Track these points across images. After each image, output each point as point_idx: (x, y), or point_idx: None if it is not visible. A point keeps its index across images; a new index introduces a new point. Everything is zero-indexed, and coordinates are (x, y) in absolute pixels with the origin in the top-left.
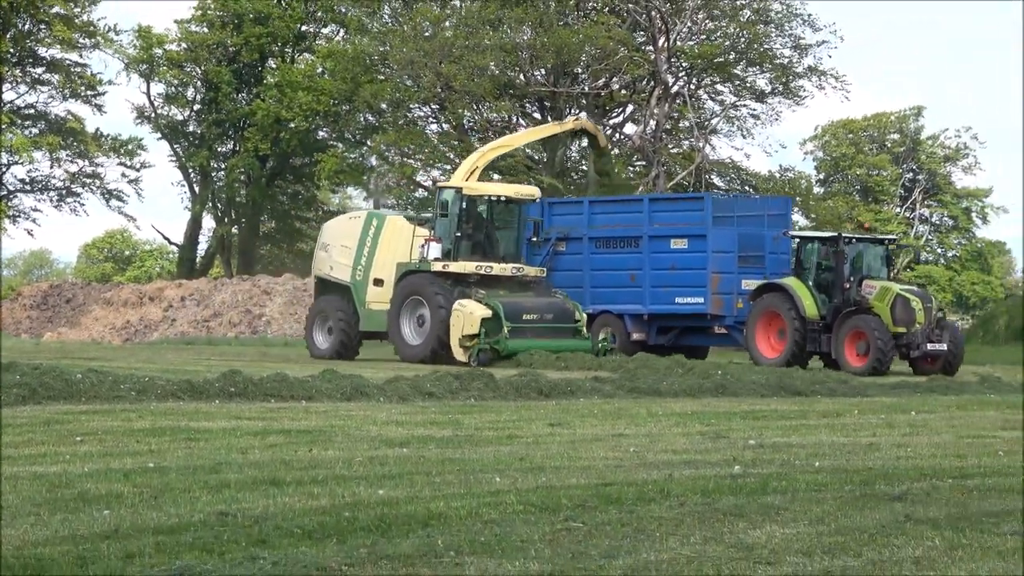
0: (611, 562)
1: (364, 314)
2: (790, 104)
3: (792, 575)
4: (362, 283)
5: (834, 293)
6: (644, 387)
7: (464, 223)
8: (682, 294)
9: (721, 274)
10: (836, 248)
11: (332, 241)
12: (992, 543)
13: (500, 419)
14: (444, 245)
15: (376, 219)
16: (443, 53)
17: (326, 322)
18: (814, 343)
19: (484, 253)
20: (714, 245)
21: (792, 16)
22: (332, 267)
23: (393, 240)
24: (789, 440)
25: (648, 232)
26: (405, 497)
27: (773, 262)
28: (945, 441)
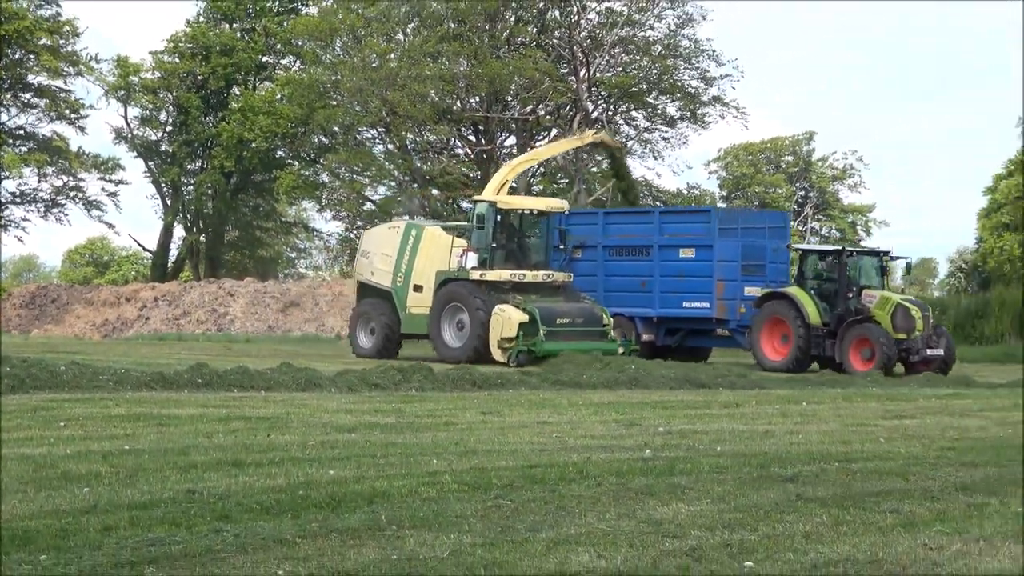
0: (535, 535)
1: (405, 317)
2: (696, 129)
3: (696, 547)
4: (403, 289)
5: (836, 302)
6: (566, 380)
7: (498, 234)
8: (689, 299)
9: (726, 281)
10: (839, 260)
11: (373, 249)
12: (873, 519)
13: (438, 408)
14: (480, 255)
15: (415, 230)
16: (388, 82)
17: (368, 323)
18: (818, 348)
19: (516, 261)
20: (720, 255)
21: (699, 51)
22: (373, 272)
23: (431, 249)
24: (694, 427)
25: (658, 242)
26: (353, 477)
27: (772, 271)
28: (832, 429)
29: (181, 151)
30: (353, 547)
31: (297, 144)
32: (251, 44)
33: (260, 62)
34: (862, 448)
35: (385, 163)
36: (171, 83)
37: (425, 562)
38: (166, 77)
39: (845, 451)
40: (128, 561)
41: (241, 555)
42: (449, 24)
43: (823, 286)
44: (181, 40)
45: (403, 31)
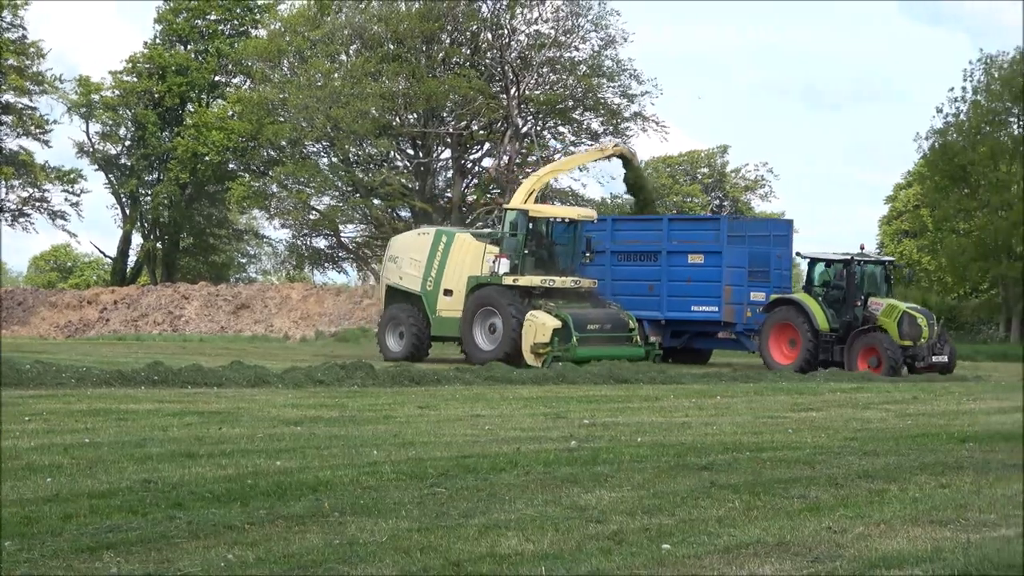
0: (468, 521)
1: (435, 321)
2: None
3: (617, 531)
4: (433, 293)
5: (843, 309)
6: (499, 376)
7: (530, 241)
8: (698, 303)
9: (733, 286)
10: (848, 269)
11: (401, 254)
12: (782, 505)
13: (378, 402)
14: (512, 260)
15: (445, 236)
16: (332, 99)
17: (398, 327)
18: (826, 353)
19: (546, 267)
20: (728, 261)
21: (621, 71)
22: (402, 277)
23: (461, 254)
24: (617, 420)
25: (667, 248)
26: (298, 467)
27: (776, 277)
28: (745, 421)
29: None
30: (298, 533)
31: (247, 157)
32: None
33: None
34: (772, 438)
35: (329, 175)
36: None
37: (365, 546)
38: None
39: (756, 441)
40: (87, 547)
41: (193, 540)
42: (389, 46)
43: (830, 293)
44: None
45: (346, 52)
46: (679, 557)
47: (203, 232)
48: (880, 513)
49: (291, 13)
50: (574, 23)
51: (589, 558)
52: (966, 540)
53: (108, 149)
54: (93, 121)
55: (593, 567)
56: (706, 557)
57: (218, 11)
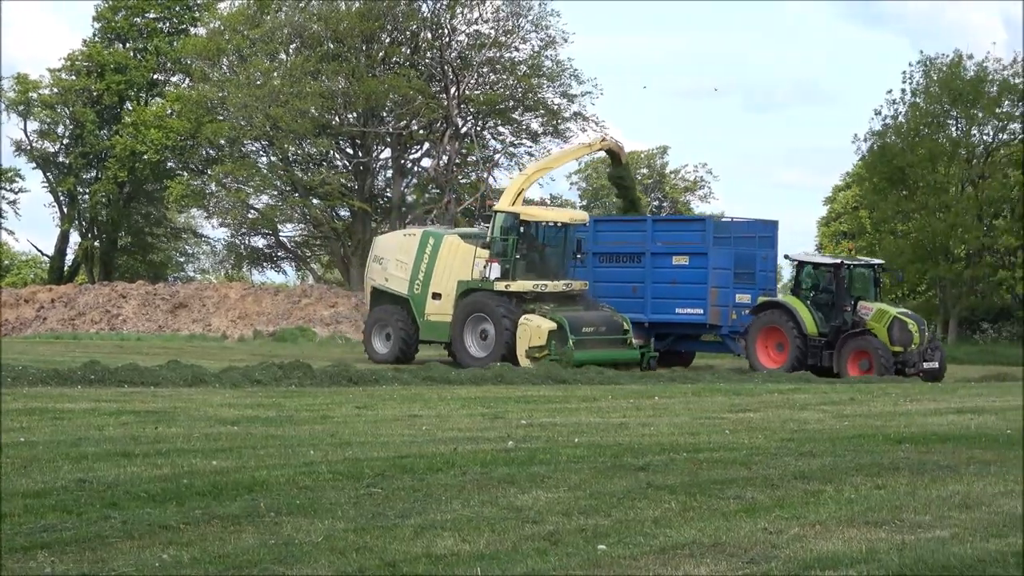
0: (404, 521)
1: (423, 324)
2: (559, 143)
3: (553, 532)
4: (421, 296)
5: (832, 313)
6: (437, 376)
7: (521, 245)
8: (682, 305)
9: (719, 288)
10: (837, 272)
11: (387, 255)
12: (718, 506)
13: (315, 402)
14: (503, 265)
15: (433, 238)
16: (272, 98)
17: (384, 329)
18: (815, 357)
19: (537, 271)
20: (714, 262)
21: (561, 71)
22: (388, 279)
23: (450, 257)
24: (554, 420)
25: (651, 249)
26: (234, 467)
27: (762, 279)
28: (682, 421)
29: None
30: (233, 533)
31: (186, 156)
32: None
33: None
34: (709, 439)
35: (268, 174)
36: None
37: (300, 546)
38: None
39: (693, 442)
40: (21, 547)
41: (128, 540)
42: (328, 45)
43: (819, 297)
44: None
45: (285, 51)
46: (615, 558)
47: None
48: (816, 514)
49: (231, 11)
50: (514, 23)
51: (525, 559)
52: (901, 541)
53: (46, 147)
54: (31, 119)
55: (529, 568)
56: (642, 558)
57: (157, 9)
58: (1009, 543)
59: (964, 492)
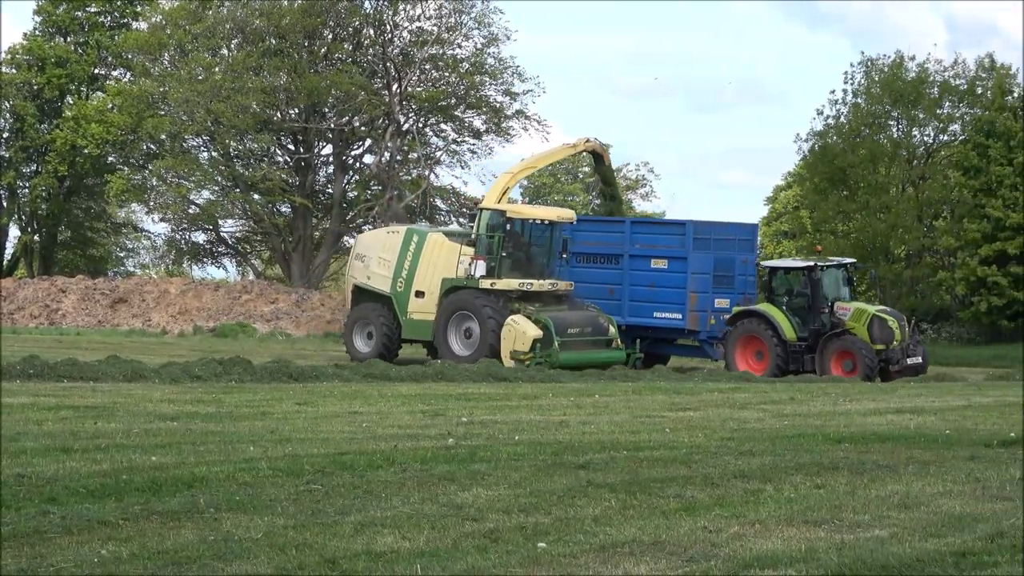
0: (344, 518)
1: (406, 323)
2: (501, 141)
3: (493, 529)
4: (404, 294)
5: (809, 317)
6: (377, 373)
7: (507, 243)
8: (660, 309)
9: (698, 293)
10: (811, 275)
11: (369, 253)
12: (658, 504)
13: (256, 398)
14: (488, 263)
15: (417, 235)
16: (213, 94)
17: (366, 327)
18: (796, 363)
19: (523, 270)
20: (693, 267)
21: (503, 68)
22: (369, 277)
23: (434, 255)
24: (495, 418)
25: (628, 251)
26: (174, 463)
27: (741, 283)
28: (623, 420)
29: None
30: (172, 529)
31: (127, 151)
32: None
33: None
34: (649, 438)
35: (209, 169)
36: (8, 92)
37: (240, 543)
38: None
39: (634, 440)
40: None
41: (67, 536)
42: (271, 40)
43: (794, 301)
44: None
45: (227, 46)
46: (555, 555)
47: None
48: (755, 513)
49: (172, 6)
50: (457, 20)
51: (465, 556)
52: (840, 540)
53: None
54: None
55: (469, 565)
56: (582, 556)
57: (98, 3)
58: (947, 543)
59: (903, 492)
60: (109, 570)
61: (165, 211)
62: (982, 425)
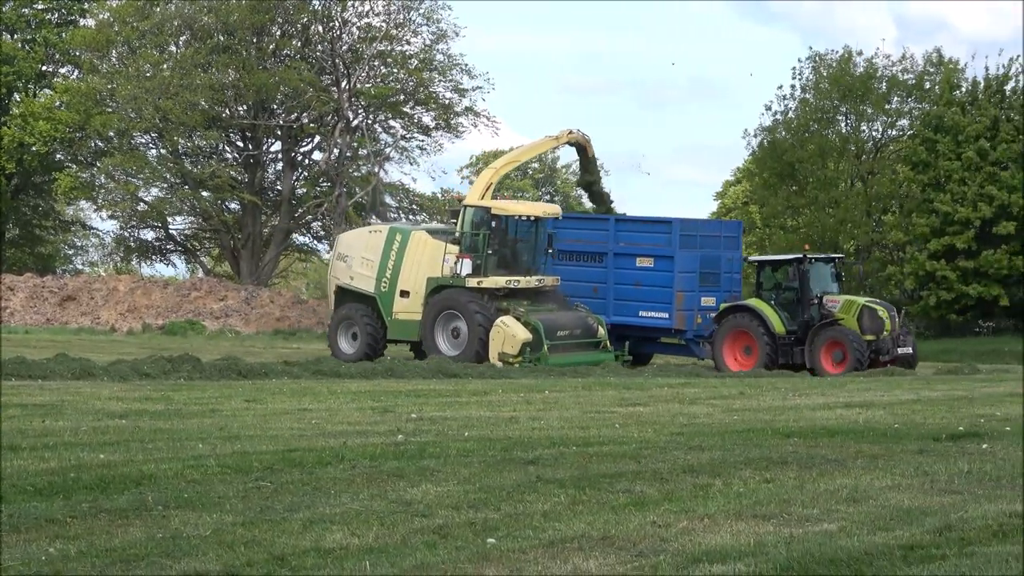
0: (293, 515)
1: (391, 323)
2: (450, 137)
3: (442, 525)
4: (388, 294)
5: (798, 310)
6: (327, 370)
7: (492, 240)
8: (646, 308)
9: (685, 292)
10: (800, 268)
11: (351, 253)
12: (607, 499)
13: (204, 396)
14: (474, 261)
15: (400, 234)
16: (161, 91)
17: (351, 328)
18: (786, 356)
19: (509, 267)
20: (680, 266)
21: (452, 65)
22: (353, 277)
23: (418, 254)
24: (444, 414)
25: (613, 250)
26: (122, 460)
27: (727, 281)
28: (572, 415)
29: None
30: (121, 526)
31: (75, 148)
32: (31, 54)
33: (40, 71)
34: (599, 433)
35: (158, 166)
36: None
37: (188, 540)
38: None
39: (583, 436)
40: None
41: (15, 534)
42: (219, 37)
43: (783, 295)
44: None
45: (175, 43)
46: (504, 551)
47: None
48: (704, 508)
49: (120, 3)
50: (405, 17)
51: (414, 552)
52: (789, 535)
53: None
54: None
55: (418, 561)
56: (531, 551)
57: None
58: (895, 536)
59: (852, 486)
60: (57, 568)
61: (114, 208)
62: (931, 419)
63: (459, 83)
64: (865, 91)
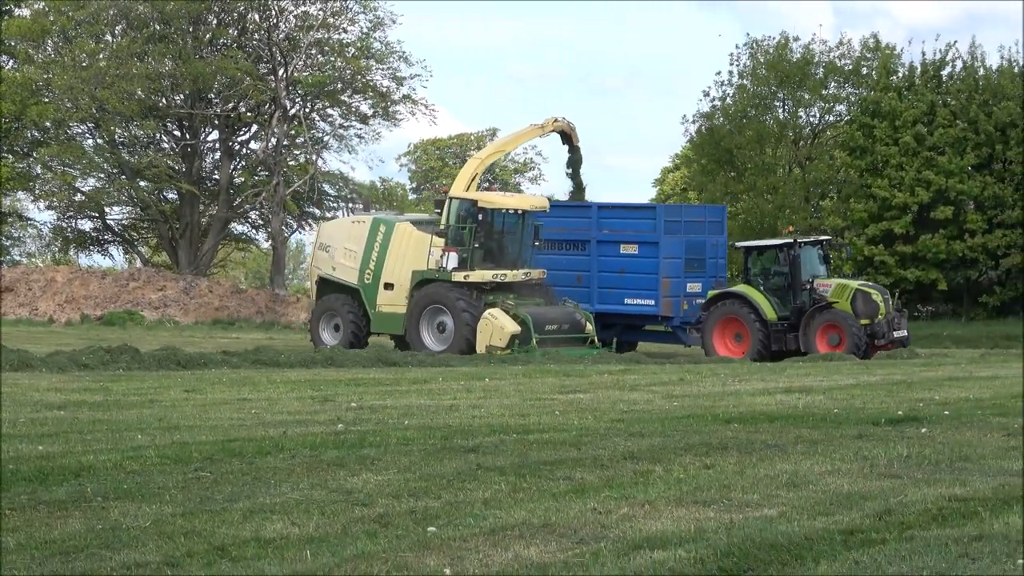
0: (233, 505)
1: (375, 316)
2: (388, 125)
3: (383, 514)
4: (372, 287)
5: (789, 295)
6: (266, 359)
7: (479, 233)
8: (632, 296)
9: (671, 278)
10: (793, 253)
11: (334, 243)
12: (548, 487)
13: (144, 386)
14: (460, 254)
15: (384, 225)
16: (98, 80)
17: (332, 319)
18: (778, 343)
19: (496, 260)
20: (665, 252)
21: (390, 53)
22: (335, 268)
23: (402, 246)
24: (385, 403)
25: (596, 237)
26: (60, 452)
27: (712, 266)
28: (513, 403)
29: None
30: (60, 518)
31: (11, 139)
32: None
33: None
34: (539, 420)
35: (95, 156)
36: None
37: (128, 531)
38: None
39: (523, 423)
40: None
41: None
42: (155, 26)
43: (772, 281)
44: None
45: (111, 32)
46: (445, 539)
47: None
48: (645, 494)
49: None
50: (342, 4)
51: (355, 541)
52: (729, 520)
53: None
54: None
55: (359, 550)
56: (472, 539)
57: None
58: (836, 520)
59: (791, 471)
60: None
61: (51, 199)
62: (870, 404)
63: (396, 71)
64: (802, 77)
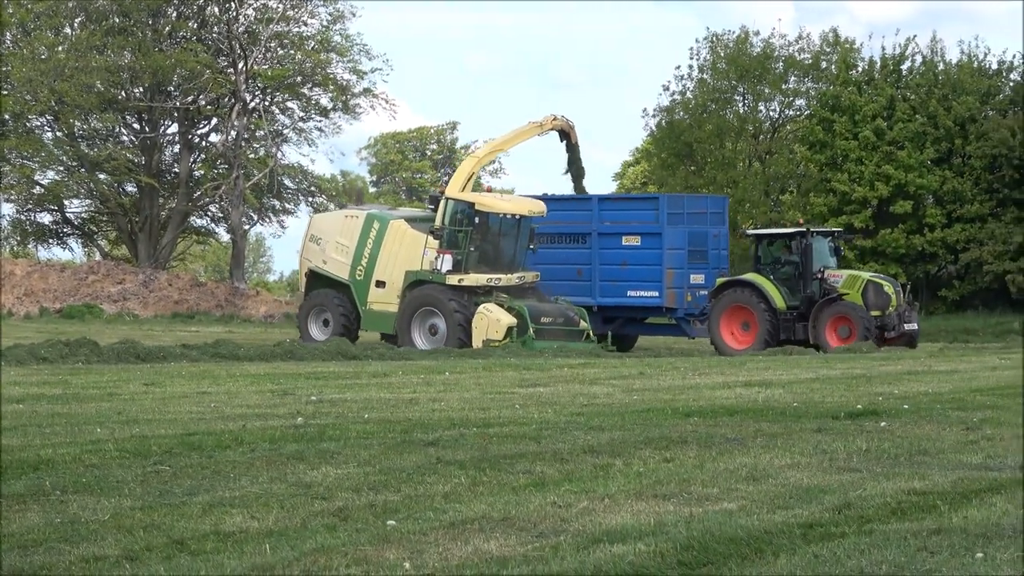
0: (192, 498)
1: (365, 313)
2: (348, 119)
3: (343, 508)
4: (363, 283)
5: (799, 285)
6: (226, 353)
7: (475, 236)
8: (635, 288)
9: (674, 269)
10: (802, 242)
11: (325, 236)
12: (507, 480)
13: (103, 380)
14: (455, 257)
15: (378, 221)
16: (57, 73)
17: (322, 314)
18: (787, 332)
19: (490, 264)
20: (668, 243)
21: (350, 46)
22: (326, 261)
23: (396, 244)
24: (344, 396)
25: (597, 230)
26: (19, 445)
27: (714, 257)
28: (473, 396)
29: None
30: (18, 511)
31: None
32: None
33: None
34: (499, 414)
35: (54, 149)
36: None
37: (87, 525)
38: None
39: (484, 417)
40: None
41: None
42: (114, 19)
43: (782, 270)
44: None
45: (70, 25)
46: (404, 533)
47: None
48: (605, 488)
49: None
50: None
51: (314, 535)
52: (689, 514)
53: None
54: None
55: (318, 544)
56: (432, 533)
57: None
58: (795, 514)
59: (751, 464)
60: None
61: (9, 192)
62: (829, 398)
63: (357, 64)
64: (762, 71)
